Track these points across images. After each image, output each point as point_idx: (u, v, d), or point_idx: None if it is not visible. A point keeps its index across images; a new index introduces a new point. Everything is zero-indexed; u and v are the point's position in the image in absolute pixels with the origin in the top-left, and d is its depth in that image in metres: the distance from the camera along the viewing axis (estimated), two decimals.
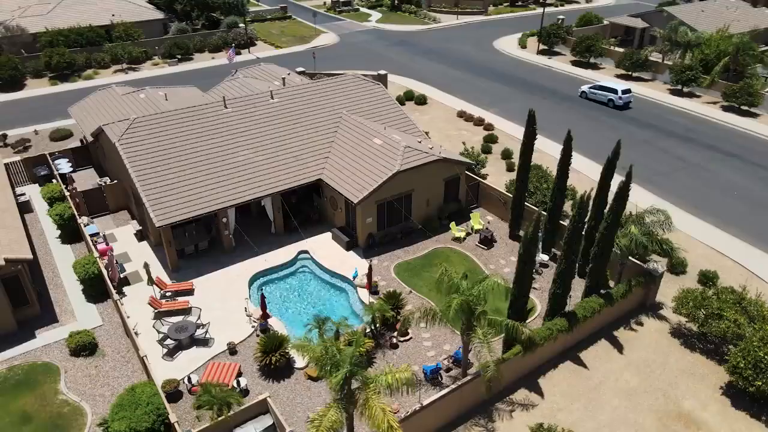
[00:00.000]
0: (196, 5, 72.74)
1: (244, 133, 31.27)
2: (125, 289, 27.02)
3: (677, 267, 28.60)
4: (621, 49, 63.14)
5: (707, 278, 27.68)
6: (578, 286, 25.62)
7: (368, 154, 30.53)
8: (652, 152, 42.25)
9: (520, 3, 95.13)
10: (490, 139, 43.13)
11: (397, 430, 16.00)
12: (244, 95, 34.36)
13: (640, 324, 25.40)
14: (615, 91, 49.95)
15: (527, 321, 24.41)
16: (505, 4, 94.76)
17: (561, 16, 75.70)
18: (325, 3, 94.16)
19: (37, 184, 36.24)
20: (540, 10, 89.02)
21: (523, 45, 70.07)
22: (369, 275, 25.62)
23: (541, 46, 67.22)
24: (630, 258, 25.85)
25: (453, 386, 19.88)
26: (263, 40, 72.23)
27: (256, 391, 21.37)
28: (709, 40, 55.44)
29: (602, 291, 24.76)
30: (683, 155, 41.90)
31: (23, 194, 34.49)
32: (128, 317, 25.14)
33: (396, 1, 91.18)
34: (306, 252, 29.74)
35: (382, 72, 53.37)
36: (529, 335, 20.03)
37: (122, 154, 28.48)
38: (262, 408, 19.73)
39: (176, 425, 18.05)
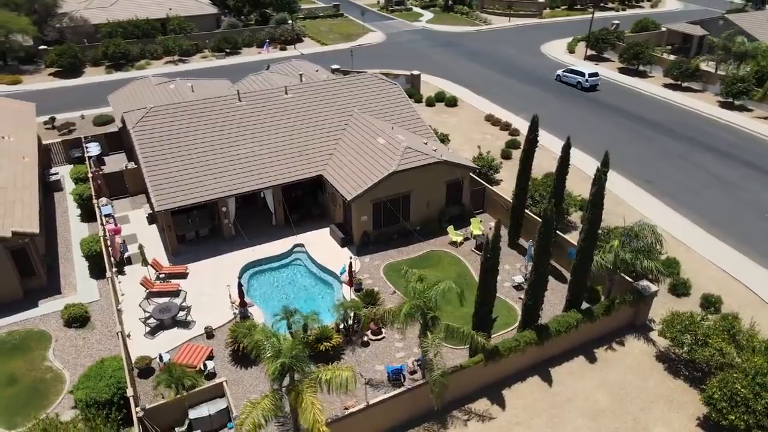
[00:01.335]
0: (248, 1, 75.01)
1: (253, 126, 32.23)
2: (126, 268, 28.56)
3: (679, 288, 27.14)
4: (673, 57, 60.12)
5: (709, 303, 26.14)
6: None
7: (370, 153, 30.75)
8: (684, 166, 40.13)
9: (578, 6, 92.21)
10: (513, 145, 42.28)
11: (321, 424, 16.18)
12: (263, 89, 35.39)
13: (623, 344, 24.33)
14: (583, 74, 54.57)
15: (506, 331, 24.14)
16: (563, 8, 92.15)
17: (616, 21, 72.83)
18: (378, 2, 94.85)
19: (72, 165, 38.75)
20: (599, 14, 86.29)
21: (571, 50, 68.06)
22: (350, 272, 25.87)
23: (589, 52, 65.04)
24: (622, 274, 24.82)
25: (400, 390, 19.84)
26: (310, 37, 73.68)
27: (223, 375, 22.10)
28: (767, 51, 51.86)
29: (591, 305, 23.97)
30: (719, 172, 39.51)
31: (56, 173, 37.03)
32: (123, 294, 26.69)
33: (449, 2, 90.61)
34: (302, 245, 30.35)
35: (416, 72, 53.43)
36: (484, 344, 19.67)
37: (134, 139, 30.09)
38: (219, 392, 20.41)
39: (131, 399, 18.98)
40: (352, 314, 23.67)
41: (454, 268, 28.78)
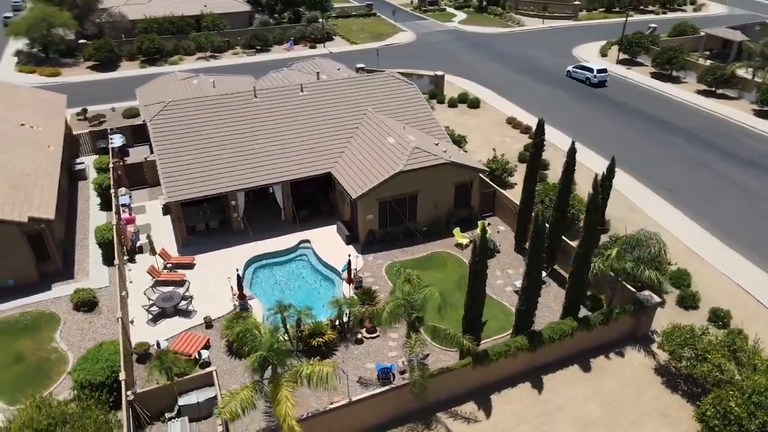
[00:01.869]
0: (281, 0, 76.13)
1: (266, 123, 32.76)
2: (137, 257, 29.47)
3: (687, 300, 26.34)
4: (710, 63, 58.17)
5: (717, 317, 25.29)
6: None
7: (379, 152, 30.88)
8: (706, 175, 38.86)
9: (617, 9, 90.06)
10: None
11: (291, 419, 16.40)
12: (280, 86, 35.95)
13: (622, 355, 23.76)
14: (591, 70, 55.86)
15: (501, 336, 23.90)
16: (600, 10, 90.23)
17: (653, 25, 70.90)
18: (412, 2, 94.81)
19: (97, 155, 40.18)
20: (638, 17, 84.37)
21: (604, 53, 66.63)
22: (348, 269, 26.05)
23: (622, 56, 63.54)
24: (624, 283, 24.26)
25: (384, 388, 19.92)
26: (341, 36, 74.25)
27: (217, 365, 22.60)
28: None
29: (595, 313, 23.57)
30: (744, 182, 38.11)
31: (82, 163, 38.45)
32: (131, 282, 27.59)
33: (483, 3, 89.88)
34: (308, 241, 30.72)
35: (439, 73, 53.29)
36: (469, 347, 19.58)
37: (150, 132, 31.02)
38: (209, 380, 20.89)
39: (123, 383, 19.62)
40: (347, 311, 23.84)
41: (456, 270, 28.64)
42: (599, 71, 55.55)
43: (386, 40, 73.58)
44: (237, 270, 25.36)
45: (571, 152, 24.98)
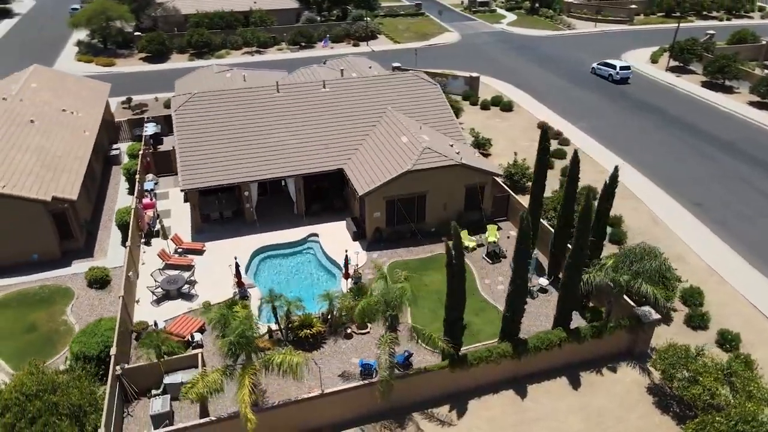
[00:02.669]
0: None
1: (286, 117, 33.49)
2: (153, 240, 30.81)
3: (695, 320, 25.14)
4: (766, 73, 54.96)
5: (725, 339, 24.04)
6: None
7: (391, 150, 31.01)
8: (745, 191, 36.77)
9: (678, 14, 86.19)
10: (558, 154, 40.70)
11: (246, 405, 16.81)
12: (303, 82, 36.66)
13: (615, 371, 22.96)
14: (614, 67, 56.94)
15: (491, 342, 23.59)
16: (659, 15, 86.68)
17: (710, 31, 67.51)
18: (462, 2, 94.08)
19: (133, 142, 42.19)
20: (701, 23, 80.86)
21: (654, 60, 64.04)
22: (346, 264, 26.34)
23: (672, 63, 60.90)
24: (625, 297, 23.43)
25: (356, 384, 20.10)
26: (385, 35, 74.63)
27: (208, 348, 23.40)
28: None
29: (587, 325, 22.95)
30: None
31: (117, 149, 40.50)
32: (143, 264, 28.93)
33: (535, 5, 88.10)
34: (316, 235, 31.23)
35: (475, 74, 52.78)
36: (444, 348, 19.48)
37: (174, 122, 32.33)
38: (195, 362, 21.66)
39: (113, 357, 20.64)
40: (337, 305, 24.13)
41: None
42: (622, 68, 56.67)
43: (430, 40, 73.41)
44: (235, 258, 26.12)
45: (574, 161, 24.25)
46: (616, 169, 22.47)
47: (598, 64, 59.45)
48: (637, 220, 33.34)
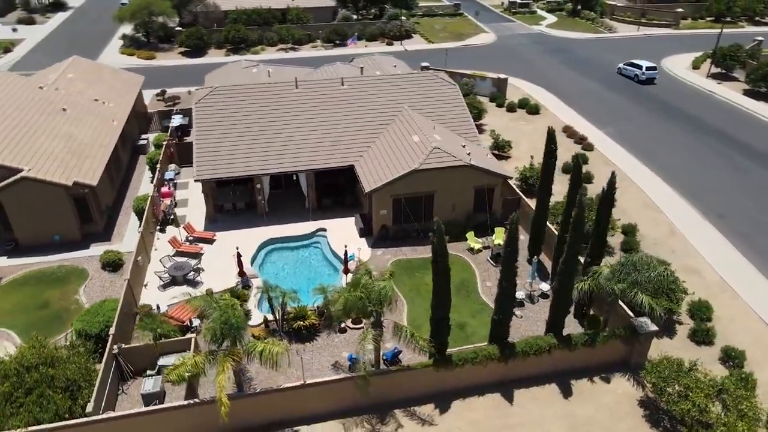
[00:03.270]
0: None
1: (302, 113, 34.04)
2: (168, 228, 31.88)
3: (699, 335, 24.30)
4: None
5: (729, 356, 23.16)
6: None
7: (401, 149, 31.14)
8: None
9: (728, 19, 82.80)
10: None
11: (220, 390, 17.31)
12: (322, 79, 37.16)
13: (608, 381, 22.46)
14: (640, 67, 56.42)
15: (484, 345, 23.45)
16: (708, 19, 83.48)
17: (759, 38, 64.59)
18: (502, 3, 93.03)
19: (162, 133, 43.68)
20: (753, 29, 77.65)
21: (696, 66, 61.81)
22: (345, 259, 26.64)
23: (714, 69, 58.64)
24: (624, 307, 22.89)
25: (336, 377, 20.36)
26: (420, 34, 74.60)
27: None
28: None
29: (579, 333, 22.56)
30: None
31: (145, 139, 42.04)
32: (156, 249, 30.01)
33: (577, 7, 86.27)
34: (324, 230, 31.66)
35: (503, 76, 52.23)
36: (423, 347, 19.53)
37: (194, 114, 33.35)
38: (188, 346, 22.38)
39: (111, 336, 21.56)
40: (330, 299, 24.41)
41: (460, 274, 28.31)
42: (648, 68, 56.36)
43: (465, 40, 72.97)
44: (237, 248, 26.78)
45: (577, 166, 23.84)
46: (613, 175, 22.01)
47: (624, 64, 58.88)
48: (654, 230, 32.41)
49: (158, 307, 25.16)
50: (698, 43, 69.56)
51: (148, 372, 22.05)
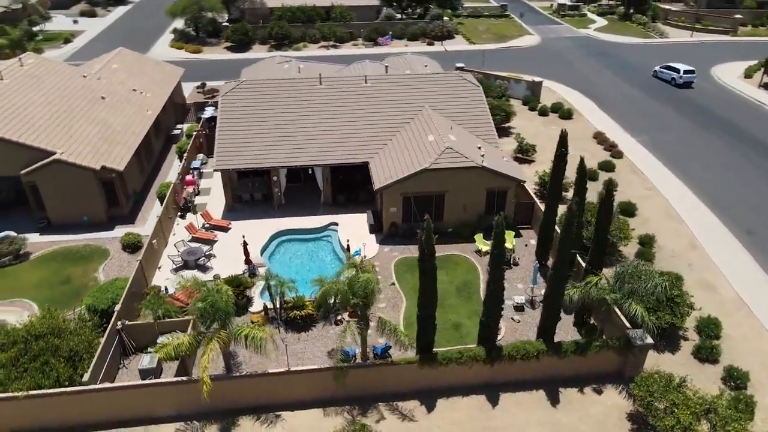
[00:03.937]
0: None
1: (323, 109, 34.71)
2: (189, 215, 33.21)
3: (703, 352, 23.42)
4: None
5: (731, 376, 22.25)
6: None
7: (415, 148, 31.34)
8: None
9: None
10: (606, 167, 38.98)
11: (203, 370, 18.05)
12: (347, 76, 37.74)
13: (599, 392, 22.00)
14: (678, 71, 55.39)
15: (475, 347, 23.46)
16: None
17: None
18: (552, 5, 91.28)
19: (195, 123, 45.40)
20: None
21: (748, 75, 58.96)
22: (347, 253, 27.07)
23: (767, 79, 55.80)
24: (621, 316, 22.36)
25: (320, 366, 20.81)
26: (462, 35, 74.23)
27: None
28: None
29: (569, 341, 22.22)
30: None
31: (179, 129, 43.84)
32: (174, 234, 31.38)
33: (629, 11, 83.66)
34: (336, 224, 32.23)
35: (538, 79, 51.50)
36: (407, 342, 19.75)
37: (219, 106, 34.58)
38: (186, 326, 23.34)
39: (115, 313, 22.79)
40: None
41: (464, 275, 28.31)
42: (686, 72, 55.42)
43: (509, 42, 72.14)
44: (243, 237, 27.66)
45: (581, 170, 23.44)
46: (610, 182, 21.48)
47: (660, 67, 57.81)
48: (674, 241, 31.36)
49: (166, 289, 26.32)
50: (755, 52, 66.24)
51: (149, 349, 23.18)
